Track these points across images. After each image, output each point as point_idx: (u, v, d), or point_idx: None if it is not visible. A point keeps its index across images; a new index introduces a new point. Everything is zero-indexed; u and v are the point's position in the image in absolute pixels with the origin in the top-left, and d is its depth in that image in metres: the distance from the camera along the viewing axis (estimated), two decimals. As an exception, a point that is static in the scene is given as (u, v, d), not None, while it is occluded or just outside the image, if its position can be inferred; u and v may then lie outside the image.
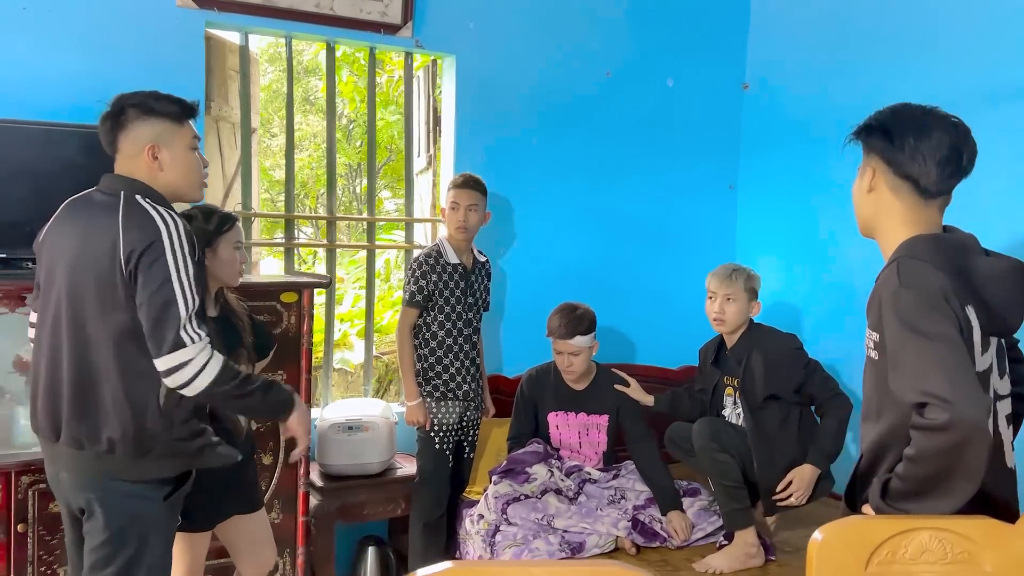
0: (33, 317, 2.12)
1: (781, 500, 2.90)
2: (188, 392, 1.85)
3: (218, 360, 1.87)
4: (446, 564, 1.05)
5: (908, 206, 1.67)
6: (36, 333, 2.05)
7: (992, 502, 1.57)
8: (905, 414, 1.50)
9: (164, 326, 1.82)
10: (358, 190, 10.39)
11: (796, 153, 3.84)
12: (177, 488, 1.98)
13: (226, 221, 2.34)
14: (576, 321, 3.08)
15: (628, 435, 3.23)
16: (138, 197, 1.92)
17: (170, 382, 1.84)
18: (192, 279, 1.88)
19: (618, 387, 3.22)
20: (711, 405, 3.17)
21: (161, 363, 1.82)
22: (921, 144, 1.62)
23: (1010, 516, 1.51)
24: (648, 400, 3.23)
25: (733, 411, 3.09)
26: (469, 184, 3.12)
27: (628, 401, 3.22)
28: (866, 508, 1.59)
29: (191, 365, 1.83)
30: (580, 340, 3.09)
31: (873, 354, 1.63)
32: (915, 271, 1.56)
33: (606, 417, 3.24)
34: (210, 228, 2.28)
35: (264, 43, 8.00)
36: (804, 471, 2.89)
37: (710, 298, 3.06)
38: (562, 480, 3.09)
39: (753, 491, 2.94)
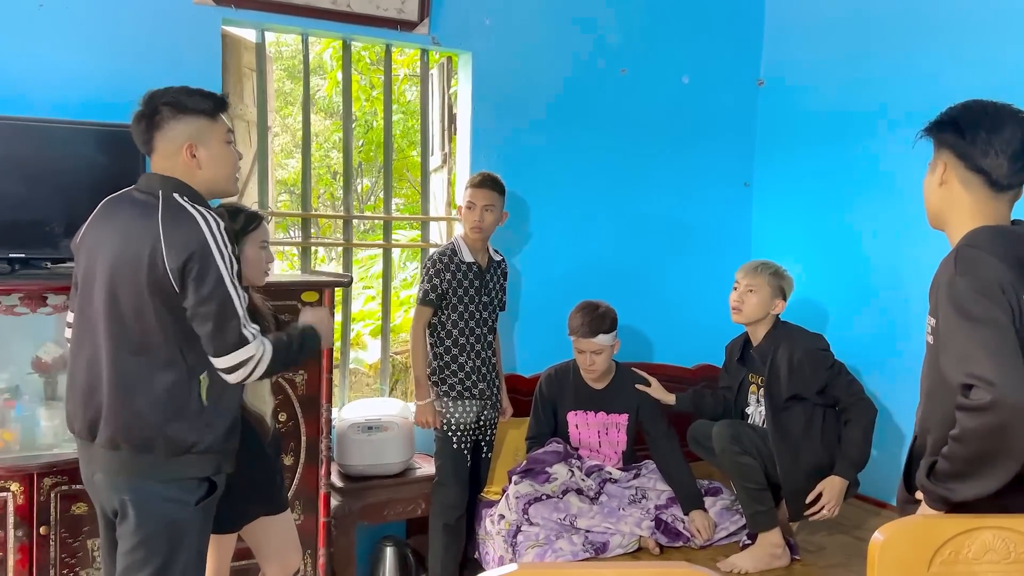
0: (70, 317, 2.10)
1: (813, 513, 2.86)
2: (249, 381, 1.93)
3: (270, 348, 1.94)
4: (512, 567, 1.03)
5: (978, 198, 1.70)
6: (74, 333, 2.03)
7: None
8: (954, 397, 1.54)
9: (225, 327, 1.85)
10: (359, 189, 10.35)
11: (812, 149, 3.83)
12: (210, 493, 1.96)
13: (252, 220, 2.31)
14: (599, 319, 3.07)
15: (649, 434, 3.21)
16: (176, 196, 1.91)
17: (233, 378, 1.89)
18: (238, 276, 1.89)
19: (639, 387, 3.21)
20: (736, 403, 3.15)
21: (223, 361, 1.87)
22: (993, 138, 1.65)
23: None
24: (670, 399, 3.21)
25: (756, 410, 3.07)
26: (487, 184, 3.10)
27: (649, 400, 3.20)
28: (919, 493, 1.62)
29: (252, 361, 1.89)
30: (602, 339, 3.08)
31: (930, 339, 1.66)
32: (972, 259, 1.59)
33: (626, 416, 3.22)
34: (237, 227, 2.26)
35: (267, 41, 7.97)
36: (834, 483, 2.84)
37: (735, 288, 3.06)
38: (583, 480, 3.07)
39: (776, 491, 2.92)
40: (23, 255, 2.60)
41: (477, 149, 3.55)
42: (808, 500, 2.86)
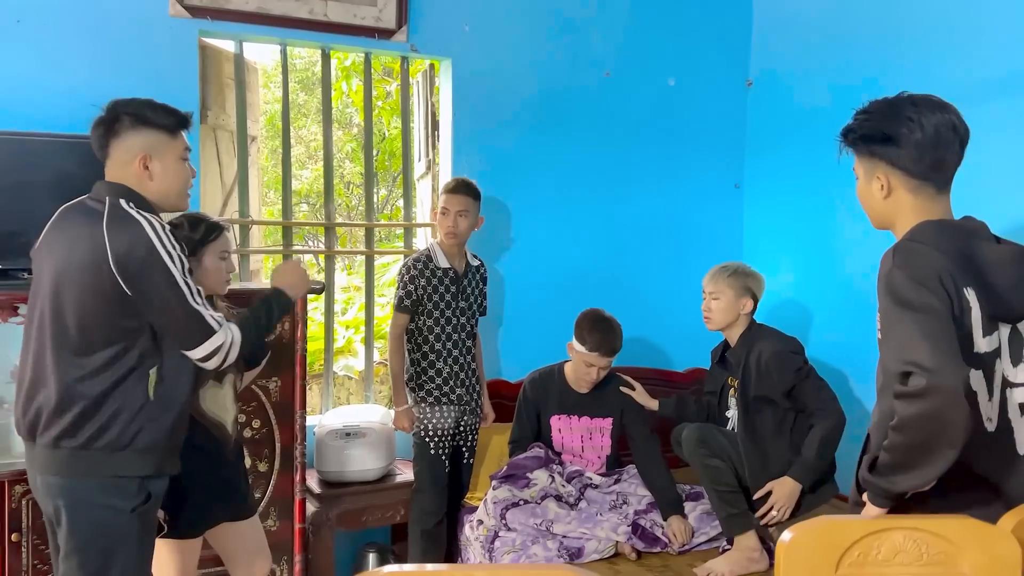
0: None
1: (762, 516, 2.81)
2: (226, 365, 2.01)
3: (237, 330, 2.01)
4: (384, 568, 1.02)
5: (923, 200, 1.69)
6: (23, 337, 2.05)
7: (1003, 496, 1.56)
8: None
9: (188, 323, 1.91)
10: (376, 199, 10.41)
11: (803, 150, 3.77)
12: (146, 500, 1.95)
13: (212, 230, 2.32)
14: (618, 339, 3.11)
15: (632, 438, 3.19)
16: (122, 202, 1.94)
17: (210, 365, 1.98)
18: (188, 272, 1.94)
19: (623, 390, 3.20)
20: (718, 408, 3.12)
21: (196, 352, 1.95)
22: (926, 139, 1.63)
23: None
24: (652, 404, 3.19)
25: (734, 413, 3.04)
26: (460, 189, 3.10)
27: (632, 404, 3.19)
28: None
29: (224, 347, 1.96)
30: (613, 358, 3.13)
31: (879, 335, 1.65)
32: (911, 251, 1.59)
33: (610, 420, 3.21)
34: (196, 237, 2.27)
35: (278, 54, 8.05)
36: (784, 484, 2.80)
37: (703, 298, 3.07)
38: (563, 486, 3.05)
39: (749, 495, 2.88)
40: (0, 266, 2.64)
41: (459, 155, 3.55)
42: (756, 497, 2.83)
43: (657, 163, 3.95)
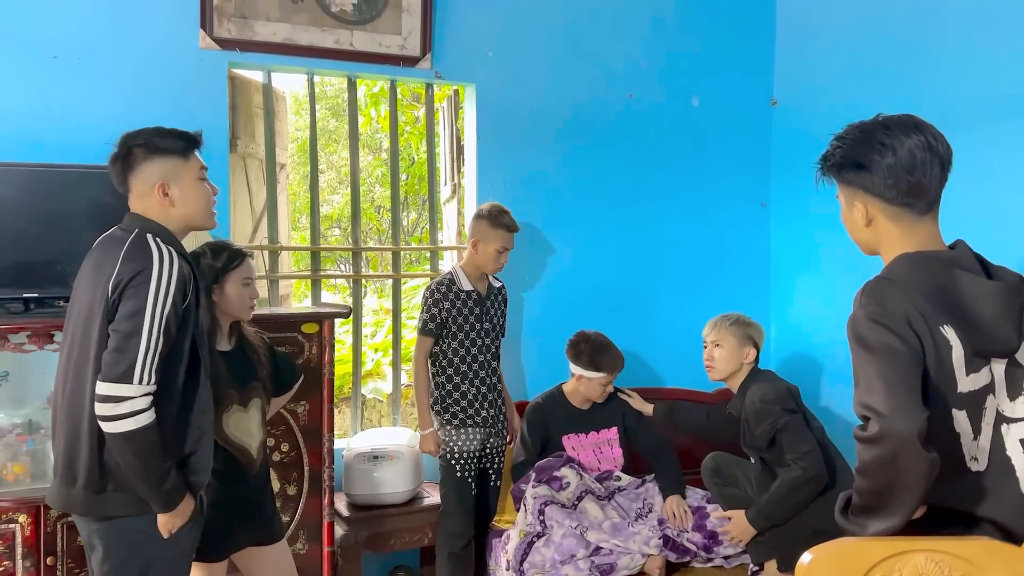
0: None
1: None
2: (108, 428, 1.82)
3: (150, 418, 1.84)
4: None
5: (906, 227, 1.63)
6: (58, 365, 2.10)
7: (1009, 534, 1.49)
8: None
9: (121, 354, 1.82)
10: (406, 222, 10.53)
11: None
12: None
13: (235, 258, 2.36)
14: (620, 359, 3.24)
15: (638, 441, 3.29)
16: (149, 236, 1.96)
17: (100, 410, 1.81)
18: (165, 320, 1.86)
19: (622, 396, 3.33)
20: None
21: (101, 387, 1.82)
22: (899, 163, 1.57)
23: None
24: (647, 409, 3.30)
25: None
26: (517, 228, 3.15)
27: (631, 409, 3.32)
28: None
29: (126, 404, 1.81)
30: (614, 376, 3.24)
31: None
32: (879, 291, 1.55)
33: (615, 429, 3.30)
34: (218, 265, 2.32)
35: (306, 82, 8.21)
36: (739, 518, 2.83)
37: (704, 347, 3.09)
38: (592, 481, 3.08)
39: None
40: (36, 294, 2.71)
41: (484, 178, 3.59)
42: (718, 516, 2.89)
43: (682, 183, 3.95)
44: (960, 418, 1.52)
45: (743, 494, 2.83)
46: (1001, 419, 1.55)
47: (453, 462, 3.07)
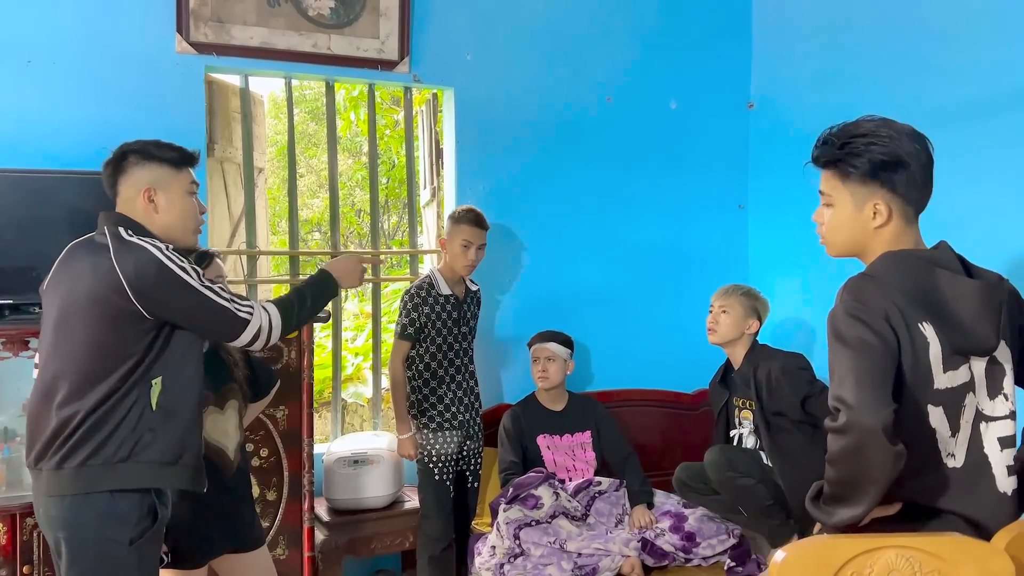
0: (37, 358, 2.16)
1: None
2: (272, 342, 2.06)
3: (276, 312, 2.05)
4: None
5: (905, 225, 1.65)
6: (35, 372, 2.09)
7: (982, 530, 1.52)
8: None
9: (220, 321, 1.98)
10: (386, 226, 10.50)
11: (807, 169, 3.76)
12: (147, 529, 1.95)
13: (202, 258, 2.34)
14: (552, 332, 3.32)
15: (607, 449, 3.31)
16: (121, 230, 1.97)
17: (255, 347, 2.05)
18: (203, 276, 1.98)
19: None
20: (717, 425, 3.14)
21: (240, 341, 2.01)
22: (929, 162, 1.63)
23: None
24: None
25: (750, 433, 3.05)
26: (482, 223, 3.15)
27: (604, 417, 3.36)
28: None
29: (263, 329, 2.02)
30: (555, 347, 3.27)
31: None
32: (859, 287, 1.58)
33: (588, 433, 3.34)
34: None
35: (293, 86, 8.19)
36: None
37: (710, 311, 3.15)
38: (568, 501, 3.07)
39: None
40: (10, 301, 2.69)
41: (463, 181, 3.59)
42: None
43: (661, 185, 3.98)
44: (936, 414, 1.54)
45: (755, 482, 2.82)
46: (980, 417, 1.58)
47: (431, 465, 3.07)
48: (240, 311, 1.98)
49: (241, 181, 3.49)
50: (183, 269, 1.93)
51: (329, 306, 3.53)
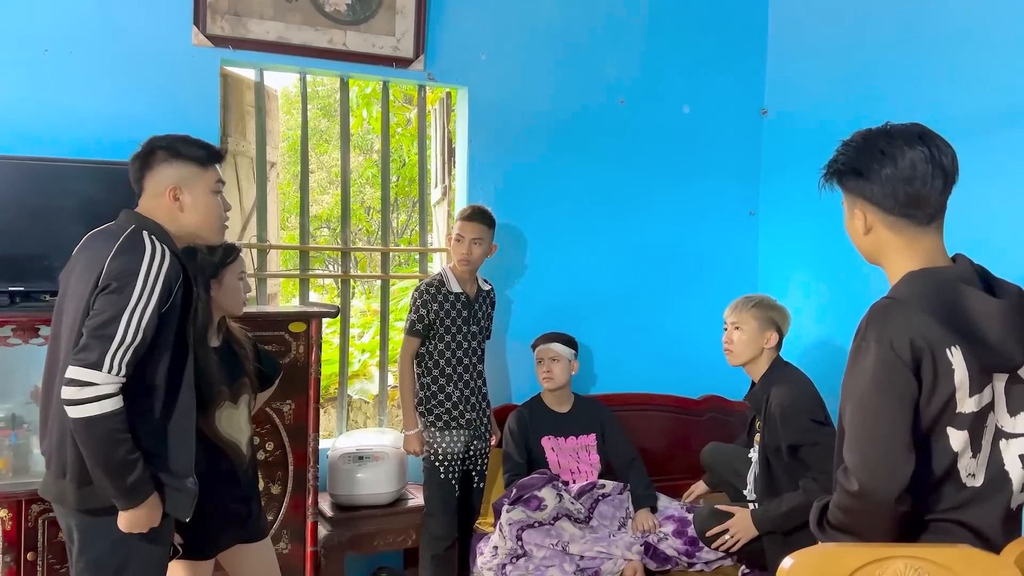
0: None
1: (715, 536, 2.74)
2: (71, 412, 1.80)
3: (116, 405, 1.82)
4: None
5: (907, 238, 1.60)
6: (46, 362, 2.09)
7: (990, 543, 1.50)
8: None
9: (97, 340, 1.81)
10: (395, 224, 10.51)
11: (818, 177, 3.76)
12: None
13: (230, 252, 2.37)
14: (556, 333, 3.31)
15: (611, 452, 3.30)
16: (144, 233, 1.95)
17: (65, 393, 1.80)
18: (147, 317, 1.85)
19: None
20: (747, 435, 3.06)
21: (71, 370, 1.80)
22: (898, 173, 1.55)
23: None
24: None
25: (756, 461, 2.85)
26: (476, 217, 3.14)
27: (609, 420, 3.34)
28: None
29: (91, 389, 1.79)
30: (559, 347, 3.25)
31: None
32: (881, 314, 1.53)
33: (593, 436, 3.33)
34: (215, 260, 2.32)
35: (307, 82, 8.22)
36: (744, 518, 2.69)
37: (724, 329, 2.95)
38: (572, 503, 3.06)
39: None
40: (23, 288, 2.70)
41: (475, 181, 3.60)
42: (710, 533, 2.76)
43: (672, 190, 3.97)
44: (959, 437, 1.50)
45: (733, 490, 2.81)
46: (1000, 434, 1.55)
47: (437, 464, 3.07)
48: (112, 357, 1.80)
49: (253, 175, 3.50)
50: (144, 288, 1.84)
51: (337, 301, 3.55)
